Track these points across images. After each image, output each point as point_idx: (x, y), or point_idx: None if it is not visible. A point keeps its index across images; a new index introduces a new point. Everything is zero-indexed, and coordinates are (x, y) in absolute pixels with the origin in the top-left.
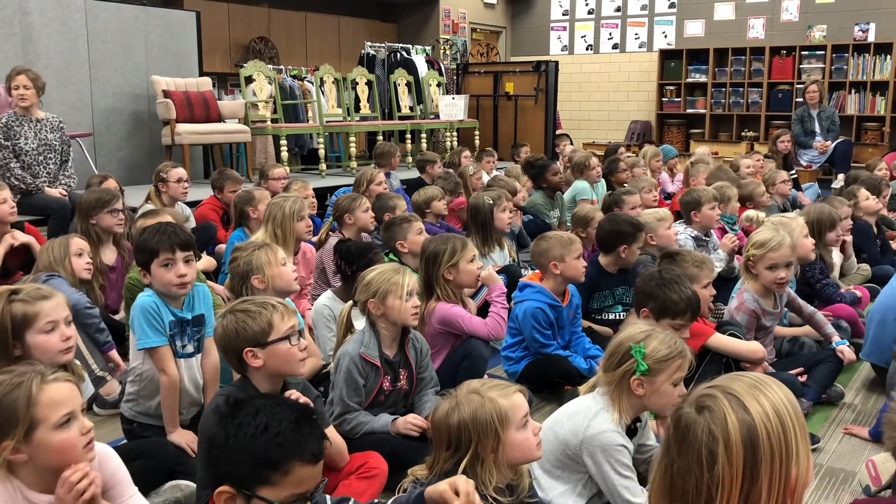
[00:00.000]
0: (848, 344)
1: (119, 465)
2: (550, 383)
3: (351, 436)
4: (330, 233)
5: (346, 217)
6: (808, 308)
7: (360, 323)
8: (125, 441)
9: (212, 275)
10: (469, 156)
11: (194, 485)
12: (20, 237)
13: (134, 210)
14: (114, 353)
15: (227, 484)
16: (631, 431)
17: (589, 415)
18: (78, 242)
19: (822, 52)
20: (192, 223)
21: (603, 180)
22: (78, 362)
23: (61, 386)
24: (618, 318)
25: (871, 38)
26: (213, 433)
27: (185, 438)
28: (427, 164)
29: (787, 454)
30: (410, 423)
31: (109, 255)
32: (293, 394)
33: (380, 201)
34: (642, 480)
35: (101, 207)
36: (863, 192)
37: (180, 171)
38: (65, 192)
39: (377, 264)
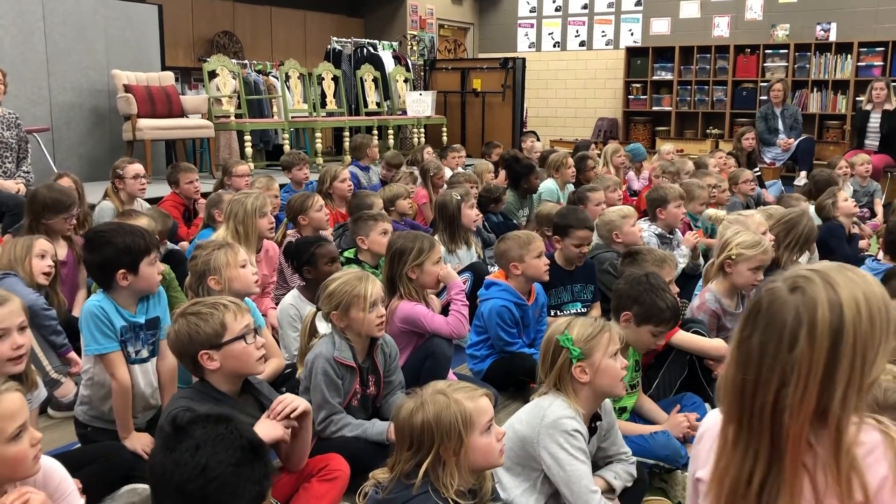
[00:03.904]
0: None
1: (63, 478)
2: (515, 381)
3: (335, 438)
4: (287, 233)
5: (300, 218)
6: None
7: (324, 326)
8: (79, 445)
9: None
10: (431, 151)
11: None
12: None
13: (92, 207)
14: (72, 355)
15: None
16: (590, 432)
17: (544, 405)
18: (42, 244)
19: (786, 51)
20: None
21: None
22: (34, 367)
23: (13, 396)
24: (577, 313)
25: (833, 37)
26: (153, 462)
27: (140, 443)
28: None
29: (868, 352)
30: None
31: (60, 251)
32: (286, 397)
33: (356, 199)
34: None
35: (58, 212)
36: (841, 194)
37: (137, 167)
38: (22, 188)
39: (321, 257)
